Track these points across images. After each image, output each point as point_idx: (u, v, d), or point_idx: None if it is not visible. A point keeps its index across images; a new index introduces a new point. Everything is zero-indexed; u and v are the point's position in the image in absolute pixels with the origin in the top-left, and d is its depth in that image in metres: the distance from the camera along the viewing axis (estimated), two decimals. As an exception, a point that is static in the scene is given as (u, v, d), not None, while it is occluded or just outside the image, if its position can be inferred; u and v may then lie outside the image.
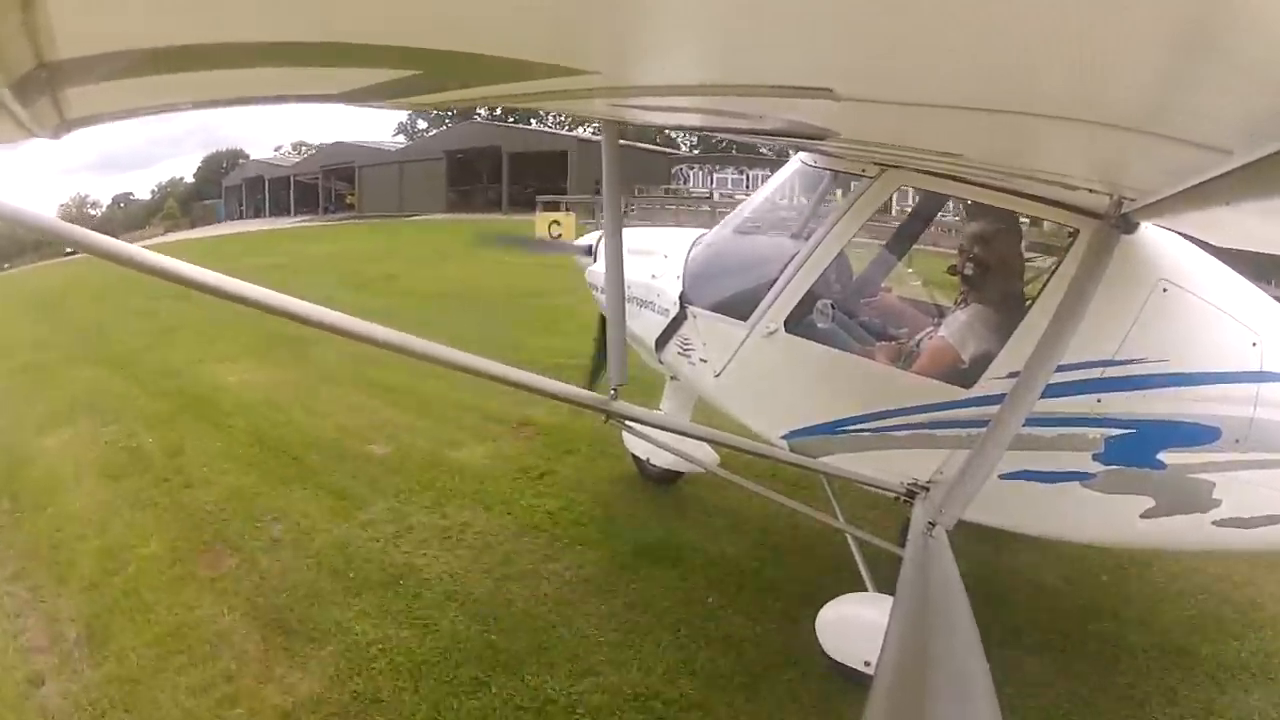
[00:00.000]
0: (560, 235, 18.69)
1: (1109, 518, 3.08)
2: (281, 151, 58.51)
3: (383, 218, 37.30)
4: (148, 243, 38.63)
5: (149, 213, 61.41)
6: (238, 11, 0.92)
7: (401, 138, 54.76)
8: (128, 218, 60.93)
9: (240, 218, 54.81)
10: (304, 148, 58.96)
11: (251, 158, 59.43)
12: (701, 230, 4.42)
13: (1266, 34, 0.80)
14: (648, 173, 33.56)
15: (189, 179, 66.59)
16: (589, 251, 4.84)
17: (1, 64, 0.88)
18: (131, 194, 69.36)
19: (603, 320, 4.88)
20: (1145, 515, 3.04)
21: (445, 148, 41.72)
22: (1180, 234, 3.15)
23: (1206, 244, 3.17)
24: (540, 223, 21.24)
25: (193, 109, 1.64)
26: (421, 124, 56.81)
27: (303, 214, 48.55)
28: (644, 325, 4.04)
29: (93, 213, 64.36)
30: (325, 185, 49.36)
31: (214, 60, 1.11)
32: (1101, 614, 4.00)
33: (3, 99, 1.00)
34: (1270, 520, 3.01)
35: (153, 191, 68.43)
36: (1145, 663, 3.63)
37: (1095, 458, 3.03)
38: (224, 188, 60.76)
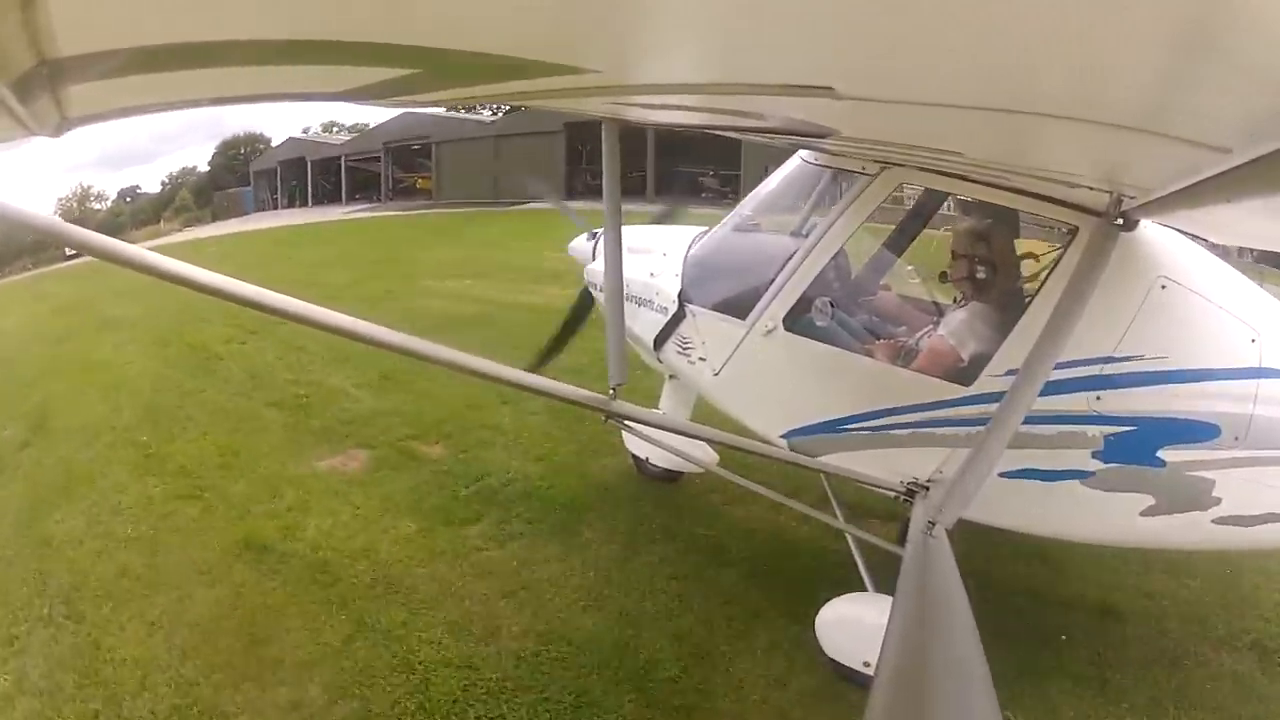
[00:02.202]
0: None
1: (1109, 516, 3.08)
2: (310, 134, 48.93)
3: (472, 205, 29.59)
4: (165, 241, 32.72)
5: (159, 206, 53.07)
6: (238, 9, 0.92)
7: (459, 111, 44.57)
8: (136, 212, 52.79)
9: (274, 207, 46.04)
10: (336, 128, 49.88)
11: (291, 136, 48.61)
12: (701, 228, 4.42)
13: (1266, 34, 0.80)
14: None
15: (202, 167, 56.50)
16: (592, 235, 4.84)
17: (2, 61, 0.88)
18: (138, 187, 60.39)
19: (577, 302, 4.92)
20: (1145, 513, 3.04)
21: (569, 119, 30.44)
22: (1180, 231, 3.15)
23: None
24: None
25: (193, 107, 1.64)
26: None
27: (358, 202, 40.32)
28: (643, 324, 4.04)
29: (97, 207, 57.50)
30: (388, 166, 40.86)
31: (214, 58, 1.11)
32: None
33: (3, 97, 1.00)
34: (1270, 518, 3.01)
35: (163, 183, 58.16)
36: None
37: (1095, 456, 3.04)
38: (253, 173, 51.11)
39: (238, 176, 52.91)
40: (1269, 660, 3.67)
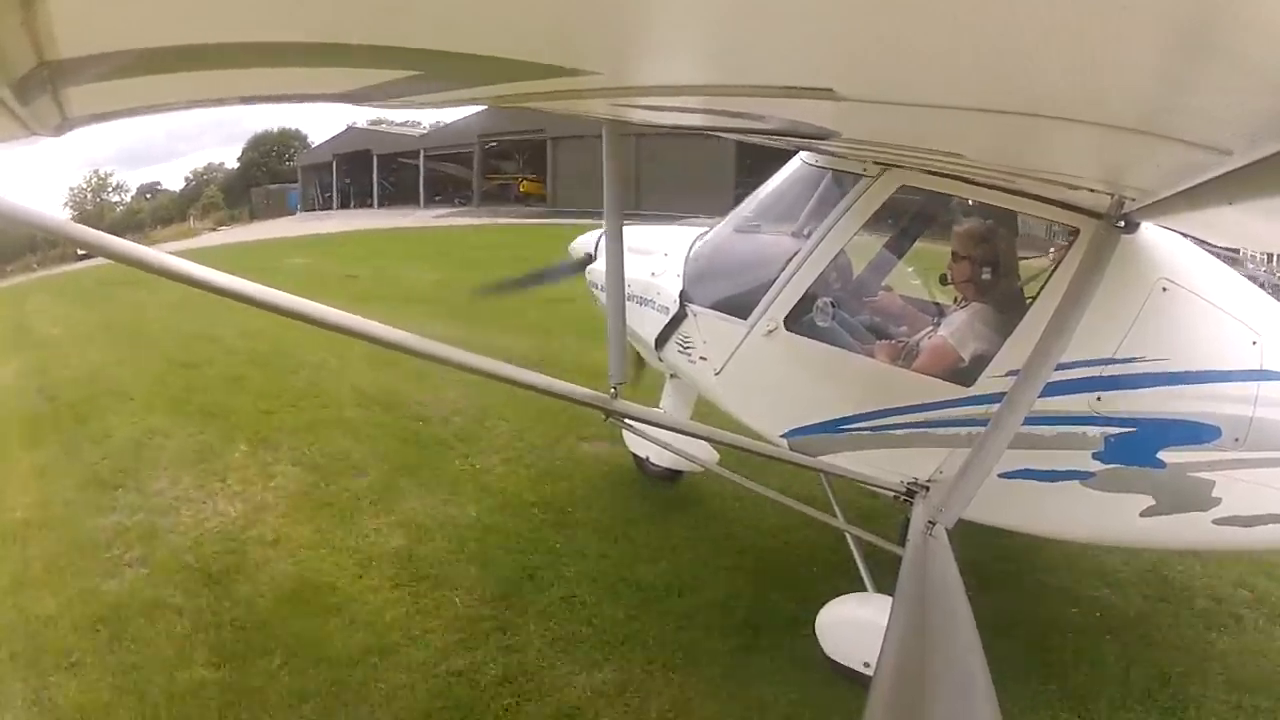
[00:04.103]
0: None
1: (1109, 516, 3.08)
2: (377, 124, 41.06)
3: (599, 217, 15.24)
4: (209, 243, 28.12)
5: (183, 203, 48.90)
6: (238, 11, 0.92)
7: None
8: (156, 209, 48.97)
9: (326, 207, 39.90)
10: (384, 123, 41.15)
11: (352, 125, 40.45)
12: (702, 229, 4.42)
13: (1266, 34, 0.80)
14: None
15: (230, 164, 52.39)
16: (587, 262, 4.85)
17: (2, 63, 0.88)
18: (159, 183, 54.77)
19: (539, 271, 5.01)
20: (1145, 514, 3.04)
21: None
22: (1181, 233, 3.15)
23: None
24: None
25: (194, 108, 1.64)
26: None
27: (438, 205, 34.89)
28: (644, 323, 4.04)
29: (115, 199, 51.61)
30: (480, 165, 34.79)
31: (214, 60, 1.11)
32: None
33: (3, 98, 1.01)
34: (1271, 519, 3.01)
35: (186, 180, 53.56)
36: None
37: (1095, 456, 3.04)
38: (300, 168, 44.69)
39: (270, 174, 48.68)
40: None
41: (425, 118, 38.49)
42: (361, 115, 37.39)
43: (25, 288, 20.62)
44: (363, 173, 39.97)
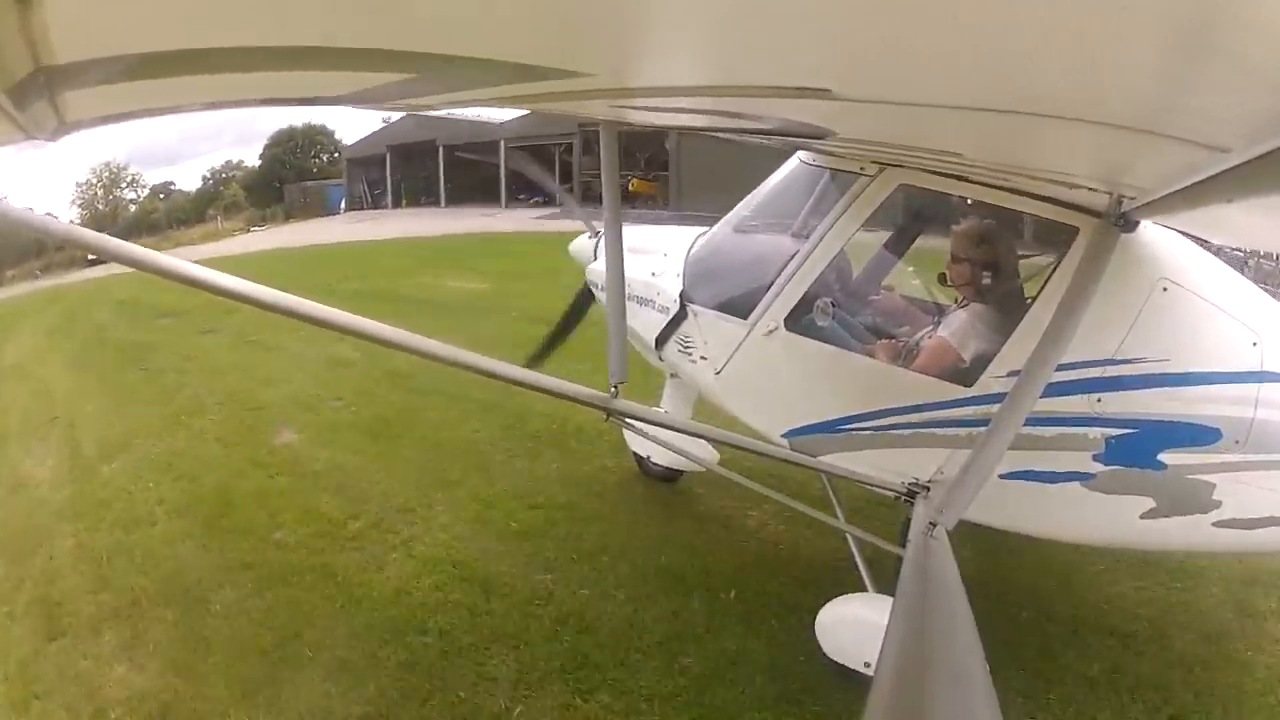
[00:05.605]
0: None
1: (1109, 518, 3.07)
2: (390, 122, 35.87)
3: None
4: (223, 247, 23.91)
5: (201, 203, 46.12)
6: (237, 15, 0.92)
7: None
8: (171, 210, 46.37)
9: (376, 206, 35.47)
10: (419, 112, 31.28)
11: (398, 116, 33.19)
12: (702, 228, 4.42)
13: (1266, 34, 0.79)
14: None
15: (250, 162, 49.16)
16: (595, 233, 4.85)
17: None
18: (173, 184, 52.09)
19: (575, 300, 4.98)
20: (1145, 516, 3.03)
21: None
22: (1180, 233, 3.15)
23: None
24: None
25: (190, 112, 1.64)
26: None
27: (520, 205, 29.60)
28: (644, 323, 4.04)
29: (129, 196, 48.80)
30: (579, 160, 28.61)
31: (213, 64, 1.11)
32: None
33: (0, 103, 1.01)
34: (1271, 521, 3.00)
35: (204, 178, 50.73)
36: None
37: (1095, 458, 3.03)
38: (346, 162, 40.03)
39: (296, 171, 45.61)
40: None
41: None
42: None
43: (17, 308, 14.35)
44: (418, 167, 34.71)
